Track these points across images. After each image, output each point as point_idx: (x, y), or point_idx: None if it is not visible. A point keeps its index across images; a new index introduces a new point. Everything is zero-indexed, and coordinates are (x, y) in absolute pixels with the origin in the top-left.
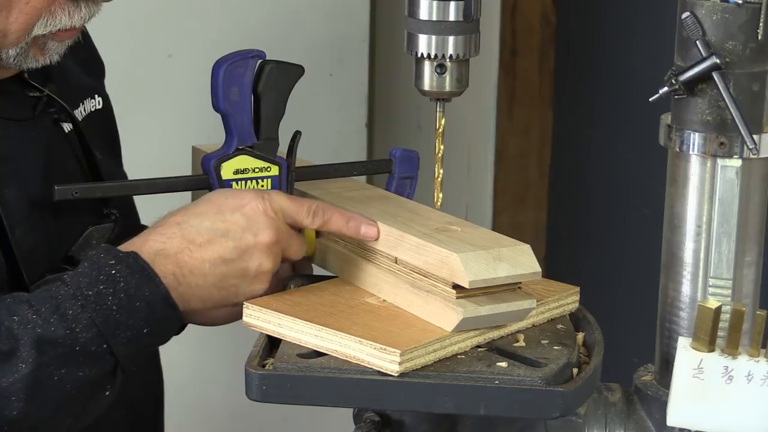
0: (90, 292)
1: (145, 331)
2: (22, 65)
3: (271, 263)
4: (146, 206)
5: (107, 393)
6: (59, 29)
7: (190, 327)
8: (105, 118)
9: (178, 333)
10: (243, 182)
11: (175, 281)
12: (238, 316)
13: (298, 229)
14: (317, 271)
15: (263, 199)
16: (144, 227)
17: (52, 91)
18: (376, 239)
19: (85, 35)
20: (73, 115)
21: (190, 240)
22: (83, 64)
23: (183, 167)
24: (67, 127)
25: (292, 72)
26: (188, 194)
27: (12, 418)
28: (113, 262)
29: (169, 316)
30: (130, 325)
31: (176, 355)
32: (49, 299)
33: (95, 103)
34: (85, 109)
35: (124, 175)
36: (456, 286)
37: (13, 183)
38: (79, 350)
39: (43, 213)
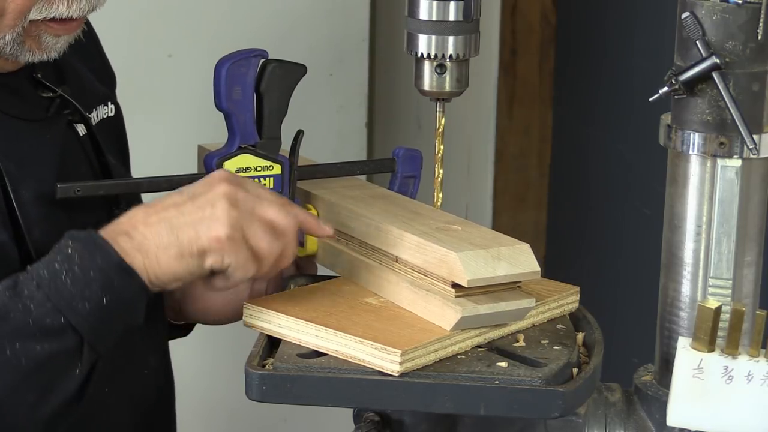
0: (45, 272)
1: (105, 301)
2: (19, 56)
3: (226, 206)
4: None
5: (77, 371)
6: (55, 17)
7: None
8: (116, 126)
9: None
10: None
11: (126, 237)
12: (240, 315)
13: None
14: (321, 270)
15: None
16: None
17: (66, 93)
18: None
19: (97, 46)
20: (86, 116)
21: (146, 205)
22: (96, 72)
23: (183, 166)
24: (81, 129)
25: (295, 71)
26: None
27: None
28: (70, 242)
29: (128, 282)
30: (86, 296)
31: (176, 355)
32: (6, 282)
33: (108, 110)
34: (98, 115)
35: None
36: (455, 285)
37: (30, 184)
38: (32, 324)
39: (58, 213)
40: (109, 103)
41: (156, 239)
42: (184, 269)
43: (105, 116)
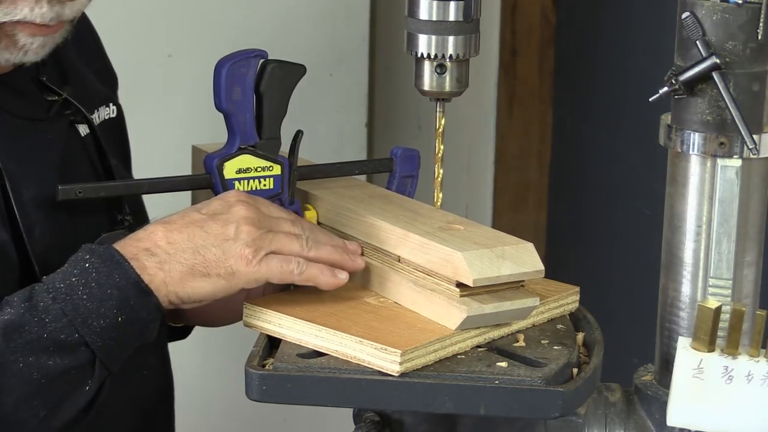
0: (62, 285)
1: (120, 319)
2: None
3: (249, 226)
4: (149, 206)
5: (87, 388)
6: (20, 20)
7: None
8: (118, 127)
9: (166, 327)
10: (245, 181)
11: (148, 254)
12: (239, 316)
13: None
14: None
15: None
16: None
17: (69, 94)
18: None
19: (99, 47)
20: (89, 117)
21: (165, 222)
22: (98, 73)
23: (183, 167)
24: (83, 130)
25: (294, 71)
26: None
27: None
28: (87, 256)
29: (144, 302)
30: (102, 313)
31: (176, 355)
32: (22, 293)
33: (109, 111)
34: (99, 116)
35: None
36: (459, 285)
37: (31, 183)
38: (47, 338)
39: (59, 214)
40: (111, 104)
41: (180, 257)
42: (209, 289)
43: (107, 117)
